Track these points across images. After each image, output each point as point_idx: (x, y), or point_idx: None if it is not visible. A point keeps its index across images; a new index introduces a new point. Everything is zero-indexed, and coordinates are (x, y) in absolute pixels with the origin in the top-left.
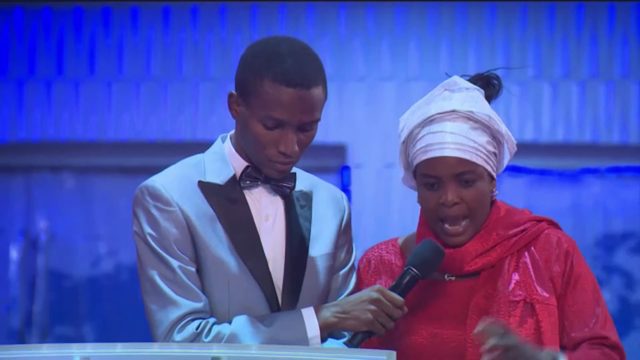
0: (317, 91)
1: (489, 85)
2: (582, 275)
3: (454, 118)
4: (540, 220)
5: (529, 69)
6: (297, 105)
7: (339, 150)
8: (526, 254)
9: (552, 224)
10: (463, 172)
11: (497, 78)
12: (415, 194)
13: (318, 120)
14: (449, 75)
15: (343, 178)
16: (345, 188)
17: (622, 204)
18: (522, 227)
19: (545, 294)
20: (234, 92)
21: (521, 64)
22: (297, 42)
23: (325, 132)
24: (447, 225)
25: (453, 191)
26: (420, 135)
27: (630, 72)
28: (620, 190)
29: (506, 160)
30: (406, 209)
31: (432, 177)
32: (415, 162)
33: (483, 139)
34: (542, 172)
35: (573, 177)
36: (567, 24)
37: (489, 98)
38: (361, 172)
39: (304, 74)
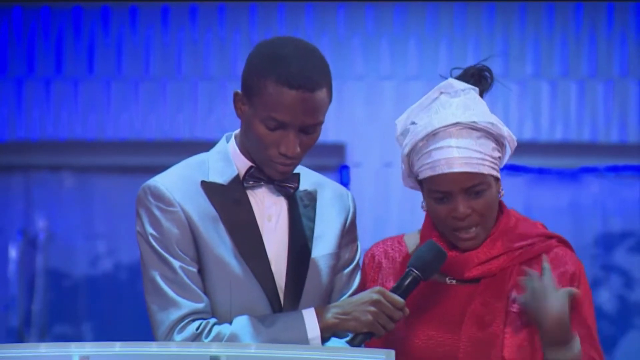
0: (320, 94)
1: (481, 79)
2: (583, 300)
3: (458, 130)
4: (550, 237)
5: (527, 67)
6: (299, 107)
7: (338, 149)
8: (530, 268)
9: (562, 242)
10: (472, 185)
11: (489, 70)
12: (414, 193)
13: (321, 123)
14: (443, 77)
15: (342, 177)
16: (344, 187)
17: (620, 203)
18: (529, 241)
19: None
20: (239, 91)
21: (519, 63)
22: (304, 43)
23: (324, 131)
24: (459, 234)
25: (464, 203)
26: (425, 150)
27: (629, 71)
28: (619, 189)
29: (507, 157)
30: (405, 208)
31: (441, 192)
32: (422, 176)
33: (488, 147)
34: (541, 171)
35: (572, 176)
36: (566, 23)
37: (482, 92)
38: (360, 171)
39: (307, 76)
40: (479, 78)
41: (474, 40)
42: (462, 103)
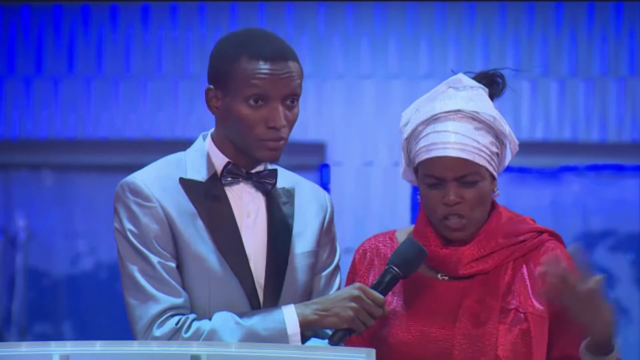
0: (294, 65)
1: (493, 83)
2: None
3: (458, 118)
4: (541, 232)
5: (507, 66)
6: (277, 75)
7: (318, 148)
8: (524, 265)
9: (554, 235)
10: (465, 174)
11: (502, 76)
12: (395, 192)
13: (299, 95)
14: (454, 72)
15: (322, 176)
16: (325, 186)
17: (601, 202)
18: (521, 237)
19: (539, 307)
20: (210, 86)
21: (500, 62)
22: (263, 29)
23: (305, 130)
24: (448, 221)
25: (455, 191)
26: (423, 133)
27: (609, 70)
28: (600, 188)
29: (507, 160)
30: (385, 207)
31: (434, 177)
32: (418, 160)
33: (487, 139)
34: (521, 170)
35: (552, 175)
36: (546, 22)
37: (492, 96)
38: (340, 170)
39: (278, 49)
40: (490, 82)
41: (454, 40)
42: (467, 96)
